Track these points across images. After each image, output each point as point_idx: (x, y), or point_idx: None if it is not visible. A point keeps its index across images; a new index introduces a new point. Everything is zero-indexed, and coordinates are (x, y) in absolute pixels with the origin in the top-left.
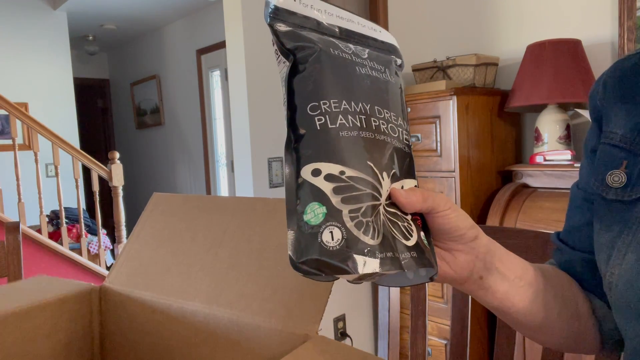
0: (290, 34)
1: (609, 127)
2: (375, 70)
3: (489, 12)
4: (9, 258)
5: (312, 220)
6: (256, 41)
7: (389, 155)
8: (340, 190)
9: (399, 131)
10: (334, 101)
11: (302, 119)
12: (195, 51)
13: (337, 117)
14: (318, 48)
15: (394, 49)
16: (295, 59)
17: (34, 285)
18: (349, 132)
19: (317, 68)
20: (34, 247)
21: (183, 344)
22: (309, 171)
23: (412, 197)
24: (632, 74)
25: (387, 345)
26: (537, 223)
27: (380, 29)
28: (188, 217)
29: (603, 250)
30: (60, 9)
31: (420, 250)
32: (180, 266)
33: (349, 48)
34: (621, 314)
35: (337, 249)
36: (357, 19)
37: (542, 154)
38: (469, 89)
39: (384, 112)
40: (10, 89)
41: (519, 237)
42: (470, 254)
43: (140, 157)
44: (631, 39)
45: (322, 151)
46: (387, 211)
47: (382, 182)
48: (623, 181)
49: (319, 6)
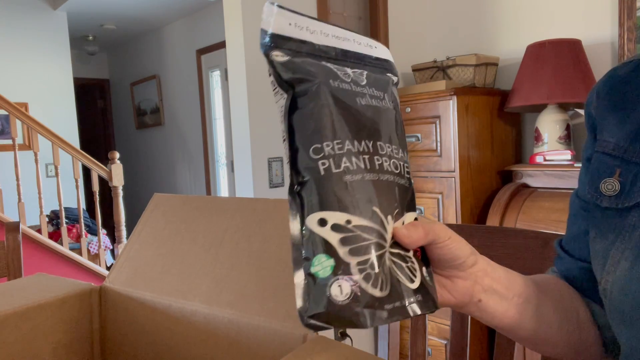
0: (287, 64)
1: (602, 135)
2: (375, 98)
3: (489, 12)
4: (9, 258)
5: (320, 273)
6: (256, 41)
7: (392, 196)
8: (347, 241)
9: (400, 166)
10: (337, 142)
11: (305, 162)
12: (195, 51)
13: (341, 160)
14: (317, 81)
15: (389, 65)
16: (294, 92)
17: (33, 285)
18: (353, 176)
19: (317, 104)
20: (34, 247)
21: (183, 344)
22: (314, 221)
23: (415, 235)
24: (624, 82)
25: (387, 345)
26: (537, 223)
27: (376, 44)
28: (188, 217)
29: (598, 257)
30: (60, 9)
31: (425, 290)
32: (181, 266)
33: (347, 75)
34: (616, 320)
35: (347, 303)
36: (353, 35)
37: (542, 154)
38: (469, 89)
39: (385, 147)
40: (10, 89)
41: (519, 237)
42: (469, 280)
43: (140, 157)
44: (631, 39)
45: (328, 199)
46: (391, 254)
47: (387, 226)
48: (617, 189)
49: (314, 27)
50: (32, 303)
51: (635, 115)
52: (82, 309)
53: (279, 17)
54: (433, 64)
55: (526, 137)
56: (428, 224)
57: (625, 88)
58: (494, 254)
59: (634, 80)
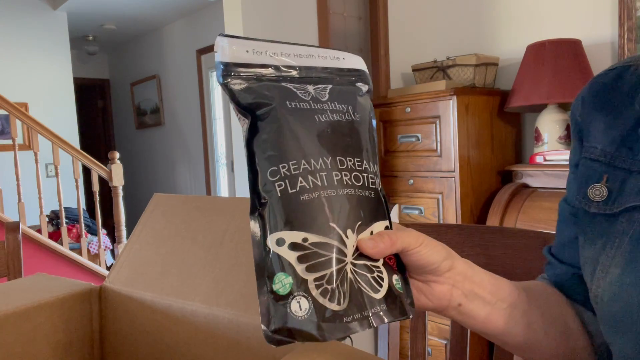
0: (245, 90)
1: (589, 141)
2: (337, 112)
3: (489, 12)
4: (9, 258)
5: (280, 290)
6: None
7: (352, 209)
8: (304, 259)
9: (363, 177)
10: (292, 163)
11: (263, 185)
12: (195, 51)
13: (297, 180)
14: (273, 104)
15: (360, 74)
16: (253, 117)
17: (33, 285)
18: (310, 195)
19: (273, 128)
20: (34, 247)
21: (183, 344)
22: (273, 241)
23: (380, 245)
24: (609, 89)
25: (387, 345)
26: (537, 223)
27: (344, 55)
28: (188, 217)
29: (588, 264)
30: (60, 9)
31: (392, 299)
32: (181, 266)
33: (307, 93)
34: (607, 327)
35: (306, 318)
36: (318, 51)
37: (542, 154)
38: (469, 89)
39: (346, 161)
40: (10, 89)
41: (519, 237)
42: (446, 284)
43: (140, 157)
44: (631, 39)
45: (285, 219)
46: (355, 266)
47: (347, 240)
48: (604, 195)
49: (274, 50)
50: (32, 303)
51: (620, 121)
52: (82, 309)
53: (233, 46)
54: (433, 64)
55: (526, 137)
56: (396, 233)
57: (610, 95)
58: (493, 254)
59: (618, 86)
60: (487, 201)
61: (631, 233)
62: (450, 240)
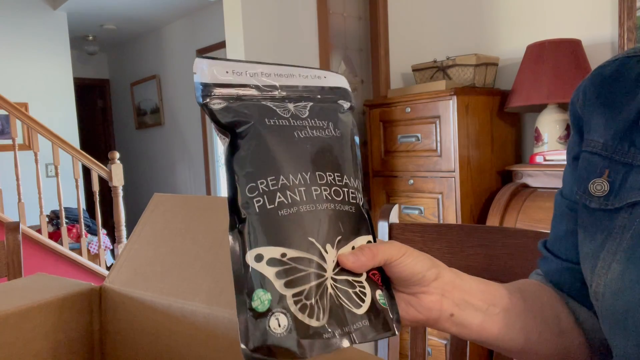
0: (224, 109)
1: (590, 135)
2: (317, 128)
3: (489, 12)
4: (9, 258)
5: (259, 307)
6: (256, 41)
7: (332, 224)
8: (282, 274)
9: (343, 192)
10: (271, 179)
11: (242, 202)
12: (195, 51)
13: (275, 196)
14: (252, 122)
15: (342, 92)
16: (232, 135)
17: (33, 284)
18: (288, 210)
19: (252, 145)
20: (34, 247)
21: (183, 344)
22: (252, 257)
23: (362, 258)
24: (611, 80)
25: (387, 345)
26: (537, 223)
27: (326, 74)
28: (188, 217)
29: (588, 259)
30: (60, 9)
31: (375, 314)
32: (181, 266)
33: (287, 111)
34: (608, 324)
35: (285, 335)
36: (299, 70)
37: (542, 154)
38: (469, 89)
39: (326, 175)
40: (10, 89)
41: (519, 237)
42: (434, 294)
43: (140, 157)
44: (631, 39)
45: (263, 235)
46: (336, 281)
47: (326, 255)
48: (605, 190)
49: (254, 70)
50: (32, 303)
51: (622, 114)
52: (82, 309)
53: (213, 67)
54: (433, 64)
55: (526, 137)
56: (377, 245)
57: (612, 87)
58: (494, 254)
59: (620, 78)
60: (487, 201)
61: (633, 229)
62: (450, 240)
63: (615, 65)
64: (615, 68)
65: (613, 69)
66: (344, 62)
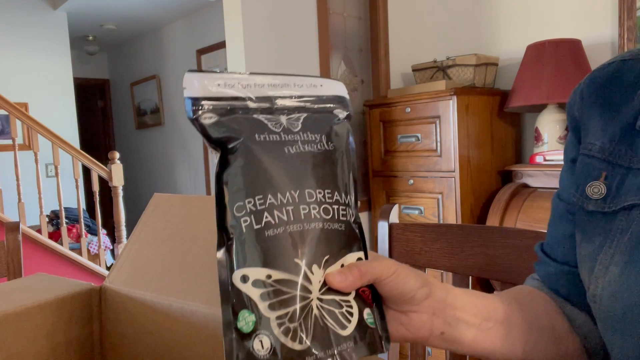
0: (215, 124)
1: (587, 137)
2: (309, 143)
3: (489, 12)
4: (9, 258)
5: (244, 328)
6: (256, 41)
7: (319, 244)
8: (267, 296)
9: (333, 210)
10: (258, 198)
11: (230, 221)
12: (195, 51)
13: (262, 216)
14: (242, 138)
15: (339, 100)
16: (223, 151)
17: (33, 285)
18: (275, 230)
19: (241, 162)
20: (34, 247)
21: (183, 344)
22: (238, 277)
23: (349, 277)
24: (607, 83)
25: None
26: (537, 223)
27: (322, 82)
28: (188, 217)
29: (585, 262)
30: (60, 9)
31: (361, 334)
32: (181, 266)
33: (279, 125)
34: (606, 326)
35: (268, 357)
36: (294, 79)
37: (542, 154)
38: (469, 89)
39: (315, 193)
40: (10, 89)
41: (519, 237)
42: (425, 313)
43: (140, 157)
44: (631, 39)
45: (249, 256)
46: (322, 301)
47: (312, 276)
48: (603, 192)
49: (246, 82)
50: (32, 303)
51: (619, 117)
52: (82, 309)
53: (204, 80)
54: (433, 64)
55: (526, 137)
56: (366, 264)
57: (609, 90)
58: (494, 254)
59: (617, 81)
60: (487, 201)
61: (630, 231)
62: (450, 240)
63: (612, 69)
64: (611, 71)
65: (609, 72)
66: (344, 62)
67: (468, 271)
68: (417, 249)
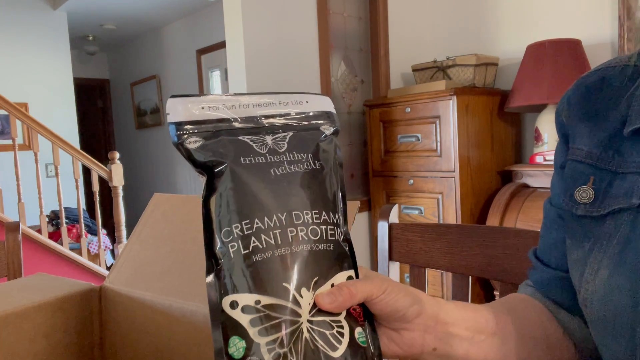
0: (200, 148)
1: (575, 143)
2: (295, 163)
3: (489, 12)
4: (9, 258)
5: (235, 354)
6: (256, 41)
7: (308, 266)
8: (256, 322)
9: (321, 230)
10: (245, 223)
11: (217, 246)
12: (195, 51)
13: (249, 241)
14: (227, 162)
15: (325, 116)
16: (209, 175)
17: (33, 285)
18: (262, 255)
19: (227, 187)
20: (34, 247)
21: (183, 344)
22: (227, 303)
23: (339, 299)
24: (594, 90)
25: None
26: (537, 223)
27: (308, 98)
28: (188, 217)
29: (576, 266)
30: (60, 9)
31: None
32: (181, 266)
33: (264, 145)
34: (598, 330)
35: None
36: (279, 97)
37: (542, 154)
38: (469, 89)
39: (303, 214)
40: (10, 89)
41: (519, 237)
42: (417, 330)
43: (140, 157)
44: (631, 39)
45: (238, 282)
46: (312, 323)
47: (301, 300)
48: (591, 197)
49: (231, 103)
50: (32, 303)
51: (606, 123)
52: (82, 309)
53: (186, 104)
54: (433, 64)
55: (526, 137)
56: (356, 284)
57: (596, 96)
58: (494, 254)
59: (604, 88)
60: (487, 201)
61: (618, 235)
62: (450, 240)
63: (598, 76)
64: (598, 78)
65: (596, 79)
66: (344, 62)
67: (468, 271)
68: (417, 248)
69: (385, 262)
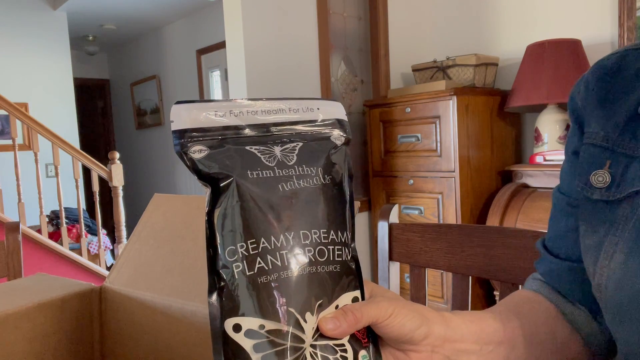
0: (205, 158)
1: (590, 127)
2: (304, 178)
3: (489, 12)
4: (9, 258)
5: None
6: (256, 41)
7: (313, 289)
8: (260, 348)
9: (328, 251)
10: (251, 242)
11: (221, 264)
12: (195, 51)
13: (255, 261)
14: (233, 177)
15: (337, 124)
16: (213, 188)
17: (33, 285)
18: (268, 277)
19: (232, 202)
20: (34, 247)
21: (183, 344)
22: (230, 326)
23: (343, 324)
24: (612, 72)
25: None
26: (537, 223)
27: (319, 105)
28: (188, 217)
29: (590, 252)
30: (60, 9)
31: None
32: (181, 266)
33: (273, 158)
34: (612, 315)
35: None
36: (289, 104)
37: (542, 154)
38: (468, 89)
39: (311, 234)
40: (10, 89)
41: (519, 237)
42: (424, 352)
43: (140, 157)
44: (631, 39)
45: (242, 304)
46: (316, 348)
47: (305, 324)
48: (607, 181)
49: (238, 109)
50: (32, 303)
51: (623, 106)
52: (82, 309)
53: (191, 111)
54: (433, 64)
55: (526, 137)
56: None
57: (614, 79)
58: (494, 254)
59: (622, 70)
60: (487, 201)
61: (635, 218)
62: (450, 240)
63: (617, 58)
64: (616, 60)
65: (615, 61)
66: (344, 62)
67: (468, 271)
68: (417, 249)
69: (385, 262)
